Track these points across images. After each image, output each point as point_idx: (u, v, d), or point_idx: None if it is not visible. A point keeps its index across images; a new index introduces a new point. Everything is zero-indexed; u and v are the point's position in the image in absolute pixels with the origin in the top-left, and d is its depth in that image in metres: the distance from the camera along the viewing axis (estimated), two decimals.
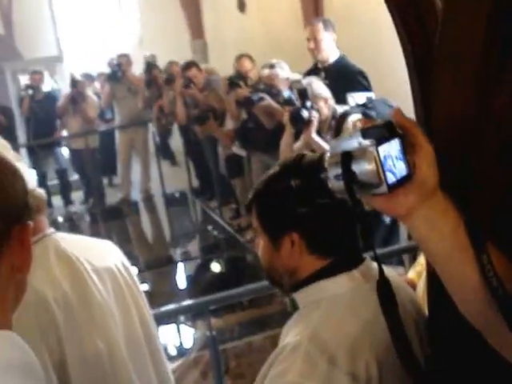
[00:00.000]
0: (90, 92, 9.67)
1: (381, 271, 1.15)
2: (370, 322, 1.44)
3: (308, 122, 4.53)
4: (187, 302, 3.54)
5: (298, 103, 4.71)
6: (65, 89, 9.99)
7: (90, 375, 2.02)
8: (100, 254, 2.20)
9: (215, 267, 7.18)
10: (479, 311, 1.07)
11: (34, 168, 9.58)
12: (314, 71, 5.60)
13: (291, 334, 1.51)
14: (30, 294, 1.81)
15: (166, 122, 9.15)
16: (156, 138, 9.64)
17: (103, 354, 2.05)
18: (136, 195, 9.68)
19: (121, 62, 9.15)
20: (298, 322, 1.55)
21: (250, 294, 3.65)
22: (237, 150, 7.01)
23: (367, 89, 5.11)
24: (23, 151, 9.77)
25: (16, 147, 9.52)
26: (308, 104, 4.57)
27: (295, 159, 1.24)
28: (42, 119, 9.26)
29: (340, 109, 4.61)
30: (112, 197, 9.76)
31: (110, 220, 9.08)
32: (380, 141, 1.01)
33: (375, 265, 1.49)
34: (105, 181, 10.35)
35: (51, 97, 9.71)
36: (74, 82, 9.22)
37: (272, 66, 6.02)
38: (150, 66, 9.12)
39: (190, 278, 7.11)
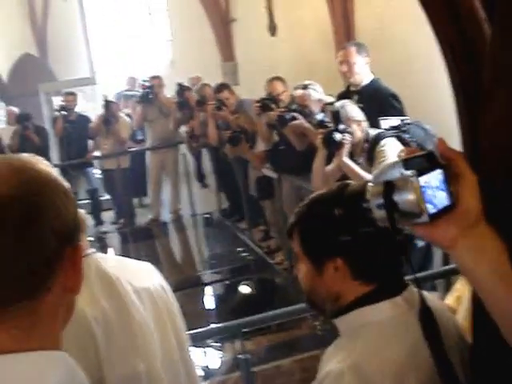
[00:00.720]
0: (122, 113, 9.76)
1: (422, 298, 1.14)
2: (414, 347, 1.42)
3: (340, 145, 4.51)
4: (219, 325, 3.50)
5: (330, 125, 4.68)
6: (98, 110, 10.05)
7: None
8: (140, 275, 2.25)
9: (244, 289, 7.13)
10: None
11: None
12: (346, 94, 5.60)
13: (333, 361, 1.49)
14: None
15: (197, 145, 9.15)
16: (186, 159, 9.68)
17: (142, 373, 2.09)
18: (166, 216, 9.70)
19: (153, 84, 9.20)
20: (340, 349, 1.54)
21: (284, 317, 3.64)
22: (267, 171, 7.03)
23: (400, 112, 5.08)
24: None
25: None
26: (341, 127, 4.54)
27: (339, 187, 1.29)
28: (75, 140, 9.36)
29: (373, 132, 4.58)
30: (142, 217, 9.82)
31: (139, 240, 9.13)
32: (421, 171, 1.03)
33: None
34: (135, 201, 10.40)
35: (84, 118, 9.80)
36: (108, 104, 9.33)
37: (305, 87, 6.00)
38: (183, 87, 9.14)
39: (219, 299, 7.10)
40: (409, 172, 1.03)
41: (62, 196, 1.01)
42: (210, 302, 7.17)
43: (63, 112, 9.41)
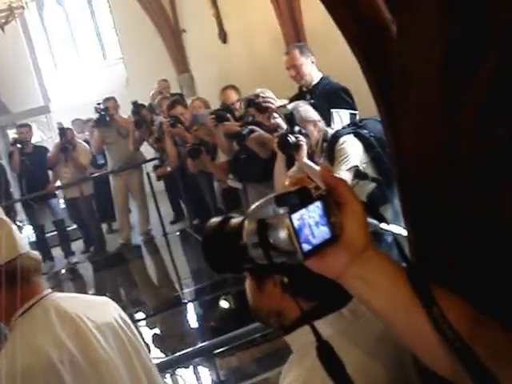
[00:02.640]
0: (79, 139, 9.66)
1: (316, 333, 1.07)
2: (363, 362, 1.40)
3: (297, 147, 4.50)
4: (189, 350, 3.44)
5: (285, 129, 4.69)
6: (55, 139, 9.98)
7: None
8: (98, 310, 2.28)
9: (224, 304, 7.12)
10: (439, 360, 1.04)
11: (31, 222, 9.59)
12: (299, 96, 5.63)
13: (286, 380, 1.50)
14: (37, 359, 2.03)
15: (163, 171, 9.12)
16: (151, 178, 9.62)
17: None
18: (137, 239, 9.65)
19: (107, 106, 9.13)
20: (292, 366, 1.53)
21: (255, 332, 3.60)
22: (232, 183, 6.94)
23: (351, 105, 5.12)
24: (18, 206, 9.80)
25: (11, 204, 9.57)
26: (296, 129, 4.54)
27: (220, 223, 1.21)
28: (34, 172, 9.24)
29: (331, 130, 4.59)
30: (113, 243, 9.72)
31: (113, 266, 9.06)
32: (294, 208, 1.01)
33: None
34: (104, 227, 10.32)
35: (41, 149, 9.71)
36: (62, 131, 9.24)
37: (256, 97, 6.00)
38: (137, 106, 9.12)
39: (200, 317, 7.06)
40: (281, 209, 1.01)
41: None
42: (191, 320, 7.13)
43: (18, 145, 9.30)
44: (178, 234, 9.58)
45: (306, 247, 1.01)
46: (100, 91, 12.37)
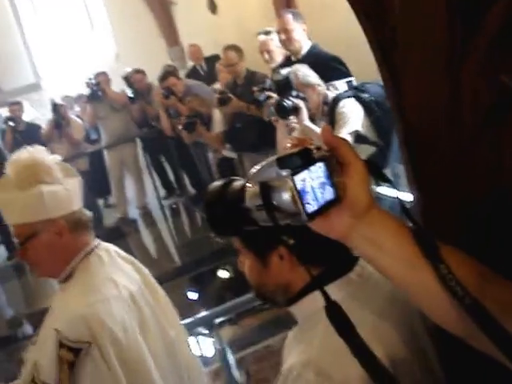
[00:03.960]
0: (72, 115, 9.62)
1: (325, 294, 1.06)
2: (375, 324, 1.40)
3: (296, 110, 4.45)
4: (189, 320, 3.37)
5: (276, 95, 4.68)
6: (48, 116, 9.87)
7: (173, 358, 2.33)
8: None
9: (223, 274, 7.09)
10: (449, 317, 1.04)
11: None
12: (286, 65, 5.46)
13: (294, 354, 1.46)
14: (118, 289, 2.20)
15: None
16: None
17: (174, 341, 2.34)
18: (134, 212, 9.63)
19: (99, 81, 9.04)
20: (299, 339, 1.50)
21: (254, 300, 3.55)
22: (227, 152, 6.96)
23: (345, 74, 5.01)
24: None
25: None
26: (293, 93, 4.49)
27: (222, 185, 1.18)
28: None
29: (331, 94, 4.53)
30: (110, 217, 9.71)
31: (111, 240, 8.70)
32: (297, 169, 1.01)
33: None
34: (100, 202, 10.28)
35: (34, 126, 9.64)
36: (56, 107, 9.18)
37: (267, 33, 5.91)
38: (129, 79, 9.01)
39: (200, 288, 7.08)
40: (283, 171, 1.01)
41: None
42: (191, 291, 7.10)
43: (10, 123, 9.25)
44: (174, 206, 9.56)
45: (310, 208, 1.01)
46: (91, 66, 12.30)
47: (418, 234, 1.05)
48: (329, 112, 4.45)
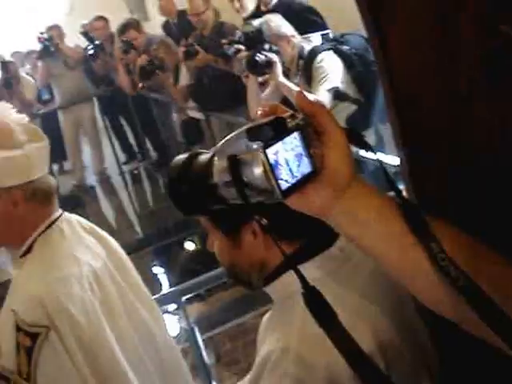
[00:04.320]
0: (23, 73, 9.22)
1: (302, 278, 0.99)
2: (361, 301, 1.39)
3: (269, 65, 4.26)
4: (156, 296, 3.20)
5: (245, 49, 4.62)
6: None
7: (146, 340, 2.23)
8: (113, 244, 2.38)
9: (190, 246, 6.84)
10: (440, 300, 1.00)
11: None
12: (257, 15, 5.28)
13: (271, 340, 1.42)
14: (79, 266, 2.10)
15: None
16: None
17: (147, 321, 2.25)
18: (91, 179, 9.46)
19: (51, 35, 8.63)
20: (276, 323, 1.48)
21: (224, 276, 3.36)
22: (193, 113, 6.75)
23: (321, 26, 4.84)
24: None
25: None
26: (266, 46, 4.29)
27: (187, 159, 1.09)
28: None
29: (307, 46, 4.33)
30: (66, 184, 9.40)
31: (67, 209, 8.51)
32: (269, 142, 0.94)
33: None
34: (55, 168, 9.98)
35: None
36: (5, 65, 8.71)
37: None
38: (87, 36, 8.66)
39: (165, 261, 6.91)
40: (254, 144, 0.94)
41: None
42: (156, 265, 6.95)
43: None
44: (135, 172, 9.48)
45: (284, 184, 0.95)
46: (42, 20, 11.80)
47: (406, 208, 1.01)
48: (305, 66, 4.33)
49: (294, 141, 0.97)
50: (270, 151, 0.93)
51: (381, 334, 1.35)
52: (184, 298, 3.52)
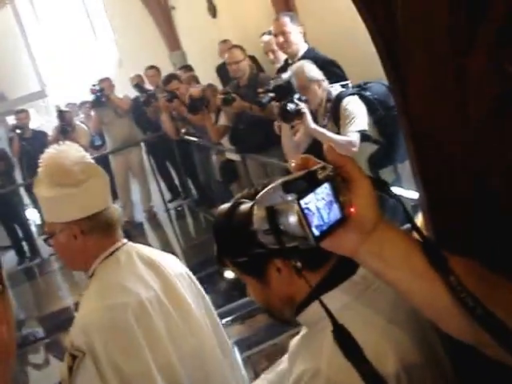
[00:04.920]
0: (77, 121, 9.64)
1: (331, 316, 1.04)
2: (386, 325, 1.37)
3: (300, 114, 4.45)
4: None
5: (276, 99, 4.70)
6: (53, 123, 9.90)
7: (192, 369, 2.17)
8: (172, 261, 2.36)
9: (229, 274, 6.81)
10: (460, 327, 1.04)
11: (35, 205, 9.59)
12: (285, 68, 5.53)
13: (303, 360, 1.42)
14: (127, 297, 2.11)
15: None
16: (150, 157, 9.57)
17: (198, 351, 2.21)
18: (140, 216, 9.66)
19: (102, 87, 9.04)
20: (307, 346, 1.46)
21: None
22: (230, 154, 6.98)
23: (342, 77, 5.00)
24: (22, 191, 9.79)
25: (15, 188, 9.56)
26: (295, 96, 4.50)
27: (230, 208, 1.18)
28: (34, 156, 9.14)
29: (334, 91, 4.56)
30: None
31: None
32: (302, 193, 1.00)
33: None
34: None
35: (40, 133, 9.66)
36: (61, 114, 9.21)
37: (270, 33, 5.92)
38: (139, 86, 9.04)
39: (207, 288, 6.97)
40: (289, 196, 1.00)
41: None
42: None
43: (17, 131, 9.28)
44: (179, 209, 9.57)
45: (317, 231, 1.00)
46: (94, 73, 12.32)
47: (426, 245, 1.05)
48: (332, 109, 4.47)
49: (324, 190, 1.02)
50: (303, 202, 0.99)
51: (406, 357, 1.34)
52: (224, 321, 3.55)
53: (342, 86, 4.68)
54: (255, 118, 6.12)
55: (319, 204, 1.01)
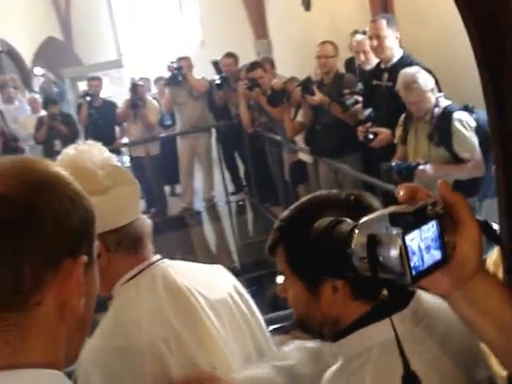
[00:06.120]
0: (150, 97, 9.76)
1: (405, 362, 1.05)
2: (433, 359, 1.36)
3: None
4: None
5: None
6: (124, 94, 10.08)
7: None
8: (213, 284, 2.07)
9: (280, 280, 7.05)
10: None
11: None
12: (376, 72, 5.62)
13: None
14: (139, 338, 1.87)
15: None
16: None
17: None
18: (199, 204, 9.69)
19: (181, 66, 9.11)
20: (346, 380, 1.42)
21: None
22: (303, 156, 7.01)
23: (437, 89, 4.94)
24: None
25: None
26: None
27: (330, 223, 1.16)
28: (101, 127, 9.37)
29: (442, 101, 4.63)
30: (175, 206, 9.78)
31: (172, 230, 9.05)
32: (408, 229, 1.00)
33: (427, 297, 1.46)
34: (167, 189, 10.37)
35: (109, 103, 9.82)
36: (135, 87, 9.32)
37: (366, 33, 5.92)
38: (217, 66, 9.00)
39: (256, 291, 6.99)
40: (394, 230, 1.00)
41: (67, 203, 0.97)
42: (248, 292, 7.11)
43: (88, 98, 9.43)
44: (241, 203, 9.61)
45: (416, 270, 1.00)
46: (173, 50, 12.48)
47: None
48: (440, 118, 4.57)
49: (431, 228, 1.02)
50: (408, 238, 0.99)
51: None
52: (270, 328, 3.59)
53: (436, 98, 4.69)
54: (334, 120, 6.15)
55: (422, 243, 1.00)
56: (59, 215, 0.95)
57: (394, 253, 0.99)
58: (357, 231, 1.07)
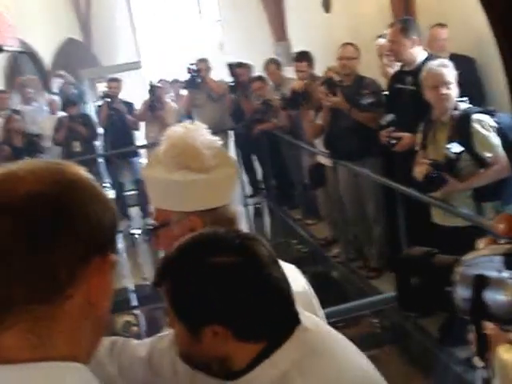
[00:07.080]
0: (168, 99, 9.79)
1: None
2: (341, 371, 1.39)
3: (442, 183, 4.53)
4: None
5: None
6: (142, 95, 10.11)
7: None
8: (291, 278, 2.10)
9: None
10: None
11: (111, 177, 9.78)
12: (399, 75, 5.58)
13: None
14: None
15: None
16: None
17: None
18: None
19: (200, 68, 9.15)
20: None
21: (340, 314, 3.49)
22: (322, 159, 6.99)
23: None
24: (101, 161, 10.02)
25: (94, 157, 9.78)
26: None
27: (426, 255, 1.08)
28: (120, 128, 9.40)
29: (461, 105, 4.59)
30: None
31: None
32: None
33: (312, 322, 1.47)
34: None
35: (128, 104, 9.83)
36: (153, 89, 9.37)
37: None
38: (234, 67, 9.07)
39: None
40: (508, 273, 0.94)
41: (97, 204, 1.02)
42: None
43: (107, 99, 9.48)
44: (258, 206, 9.64)
45: None
46: (192, 52, 12.50)
47: None
48: (460, 120, 4.53)
49: None
50: None
51: None
52: None
53: (457, 101, 4.67)
54: (353, 123, 6.14)
55: None
56: (91, 216, 1.00)
57: (503, 298, 0.94)
58: (462, 268, 1.00)
